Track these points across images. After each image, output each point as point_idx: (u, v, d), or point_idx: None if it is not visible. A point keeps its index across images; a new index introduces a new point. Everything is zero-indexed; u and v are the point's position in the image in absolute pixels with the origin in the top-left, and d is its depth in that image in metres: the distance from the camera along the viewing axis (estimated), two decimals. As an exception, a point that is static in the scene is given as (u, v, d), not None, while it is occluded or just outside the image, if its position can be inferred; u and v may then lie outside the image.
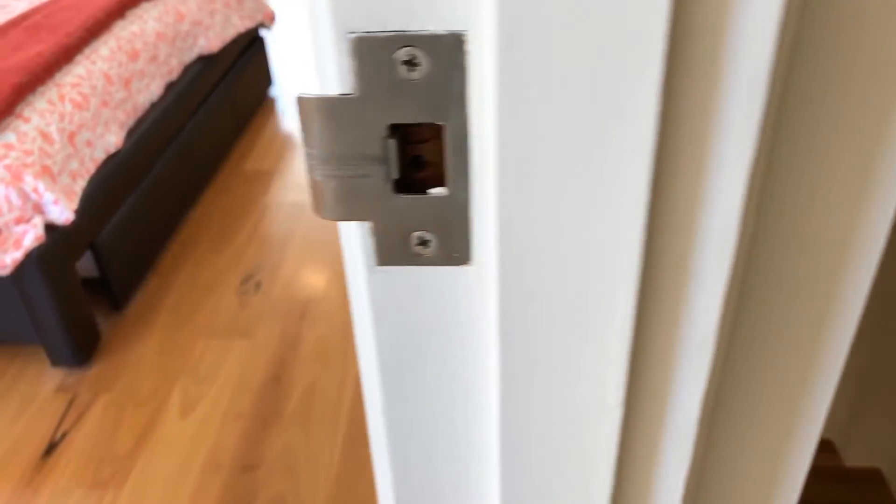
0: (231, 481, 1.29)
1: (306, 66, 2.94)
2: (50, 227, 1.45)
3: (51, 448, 1.37)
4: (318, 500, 1.25)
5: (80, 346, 1.53)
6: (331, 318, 1.65)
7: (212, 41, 2.21)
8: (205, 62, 2.19)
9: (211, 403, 1.45)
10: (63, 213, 1.43)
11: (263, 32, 2.84)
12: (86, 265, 1.68)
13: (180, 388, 1.49)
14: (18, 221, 1.38)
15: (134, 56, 1.84)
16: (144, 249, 1.80)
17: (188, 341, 1.61)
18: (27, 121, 1.46)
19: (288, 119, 2.58)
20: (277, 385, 1.49)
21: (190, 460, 1.33)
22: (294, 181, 2.20)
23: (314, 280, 1.78)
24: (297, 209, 2.06)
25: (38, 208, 1.42)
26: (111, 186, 1.65)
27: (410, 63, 0.23)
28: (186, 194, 2.03)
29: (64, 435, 1.40)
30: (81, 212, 1.52)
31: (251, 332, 1.62)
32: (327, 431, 1.38)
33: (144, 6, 2.02)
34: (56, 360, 1.53)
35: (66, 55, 1.64)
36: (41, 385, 1.51)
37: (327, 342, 1.59)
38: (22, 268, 1.40)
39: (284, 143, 2.42)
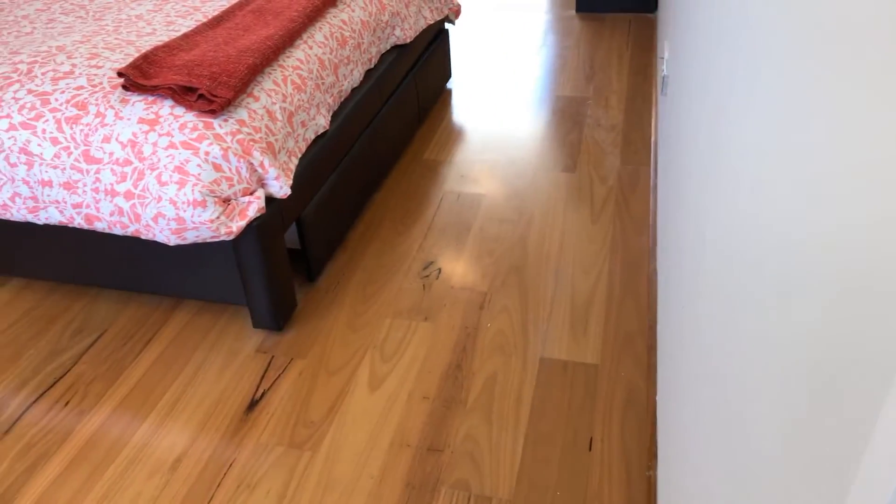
0: (417, 461, 1.34)
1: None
2: (268, 200, 1.56)
3: (252, 405, 1.48)
4: (500, 491, 1.28)
5: (279, 312, 1.64)
6: (509, 313, 1.67)
7: (406, 32, 2.29)
8: (398, 51, 2.27)
9: (397, 381, 1.51)
10: (282, 188, 1.54)
11: (448, 26, 2.90)
12: (288, 236, 1.80)
13: (368, 362, 1.56)
14: (245, 193, 1.49)
15: (343, 43, 1.94)
16: (337, 226, 1.89)
17: (375, 318, 1.68)
18: (256, 99, 1.57)
19: (460, 111, 2.62)
20: (459, 372, 1.52)
21: (378, 435, 1.39)
22: (469, 173, 2.24)
23: (492, 273, 1.80)
24: (474, 201, 2.09)
25: (261, 182, 1.53)
26: (317, 165, 1.75)
27: None
28: (373, 177, 2.12)
29: (263, 394, 1.50)
30: (293, 187, 1.62)
31: (433, 316, 1.67)
32: (509, 425, 1.40)
33: (352, -4, 2.11)
34: (257, 323, 1.65)
35: (290, 39, 1.75)
36: (243, 343, 1.63)
37: (506, 336, 1.61)
38: (241, 235, 1.52)
39: (458, 135, 2.47)
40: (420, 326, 1.65)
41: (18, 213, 1.55)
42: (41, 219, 1.55)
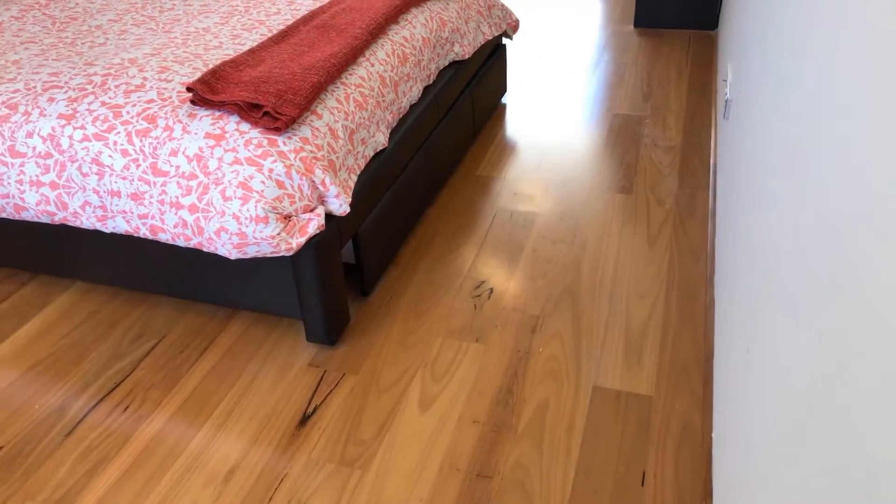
0: (466, 487, 1.34)
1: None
2: (327, 217, 1.58)
3: (304, 419, 1.50)
4: (549, 522, 1.26)
5: (332, 327, 1.65)
6: (562, 338, 1.66)
7: (465, 48, 2.30)
8: (456, 67, 2.28)
9: (448, 403, 1.51)
10: (342, 206, 1.55)
11: (505, 41, 2.89)
12: (343, 250, 1.82)
13: (419, 382, 1.56)
14: (305, 210, 1.51)
15: (403, 60, 1.95)
16: (390, 241, 1.90)
17: (426, 336, 1.68)
18: (319, 117, 1.59)
19: (515, 127, 2.62)
20: (510, 396, 1.52)
21: (428, 457, 1.40)
22: (522, 191, 2.23)
23: (545, 295, 1.79)
24: (527, 220, 2.08)
25: (322, 199, 1.55)
26: (374, 182, 1.76)
27: None
28: (427, 192, 2.13)
29: (315, 409, 1.52)
30: (352, 204, 1.64)
31: (485, 338, 1.67)
32: (560, 454, 1.38)
33: (414, 11, 2.13)
34: (311, 336, 1.67)
35: (353, 57, 1.77)
36: (296, 356, 1.65)
37: (558, 362, 1.59)
38: (299, 250, 1.54)
39: (512, 151, 2.46)
40: (471, 347, 1.64)
41: (87, 221, 1.60)
42: (109, 227, 1.60)
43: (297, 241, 1.48)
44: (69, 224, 1.64)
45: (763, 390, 0.94)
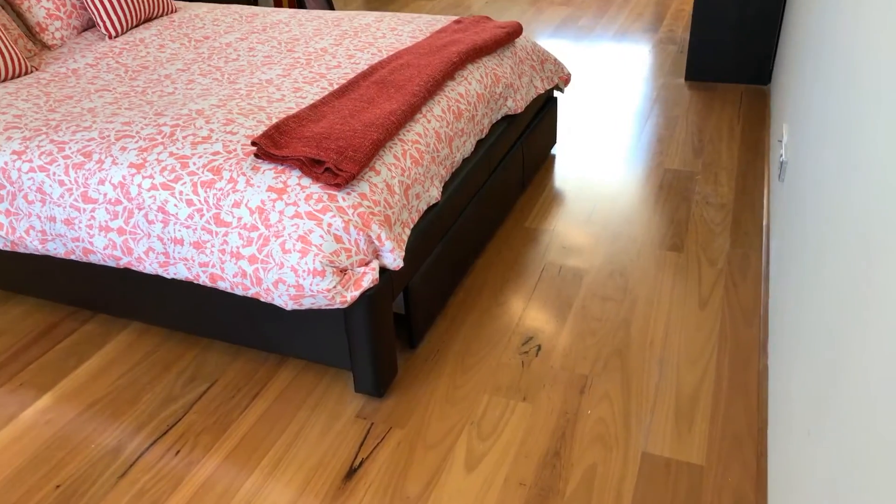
0: (513, 551, 1.32)
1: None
2: (381, 270, 1.60)
3: (351, 472, 1.50)
4: None
5: (381, 378, 1.67)
6: (611, 401, 1.64)
7: (518, 102, 2.33)
8: (508, 121, 2.31)
9: (494, 463, 1.50)
10: (395, 260, 1.58)
11: (556, 93, 2.93)
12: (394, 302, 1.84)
13: (465, 439, 1.56)
14: (361, 263, 1.54)
15: (458, 116, 1.99)
16: (439, 293, 1.92)
17: (473, 392, 1.68)
18: (377, 173, 1.63)
19: (564, 178, 2.63)
20: (557, 459, 1.50)
21: (474, 518, 1.39)
22: (572, 245, 2.23)
23: (593, 355, 1.78)
24: (576, 276, 2.08)
25: (376, 253, 1.58)
26: (427, 235, 1.79)
27: None
28: (476, 243, 2.14)
29: (362, 462, 1.53)
30: (404, 258, 1.66)
31: (532, 396, 1.66)
32: (608, 523, 1.36)
33: (469, 67, 2.18)
34: (359, 387, 1.69)
35: (411, 114, 1.81)
36: (344, 407, 1.67)
37: (607, 426, 1.58)
38: (353, 303, 1.56)
39: (561, 203, 2.47)
40: (518, 406, 1.64)
41: (150, 267, 1.66)
42: (170, 273, 1.65)
43: (352, 295, 1.51)
44: (132, 268, 1.70)
45: (829, 478, 0.91)
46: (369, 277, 1.52)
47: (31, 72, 2.30)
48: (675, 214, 2.36)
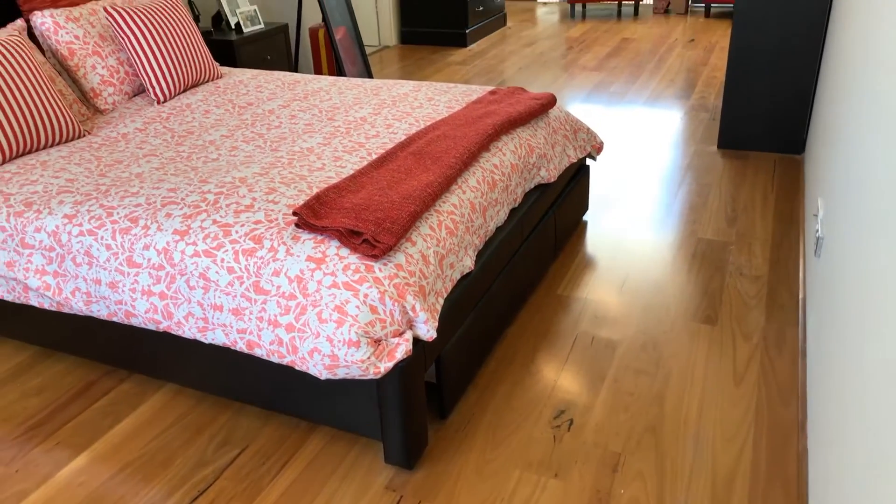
0: None
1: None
2: (414, 340, 1.61)
3: (380, 546, 1.49)
4: None
5: (411, 450, 1.66)
6: (644, 480, 1.61)
7: (551, 172, 2.36)
8: (541, 189, 2.34)
9: (525, 543, 1.47)
10: (429, 331, 1.59)
11: (588, 161, 2.96)
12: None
13: (495, 518, 1.54)
14: (395, 334, 1.55)
15: (493, 186, 2.02)
16: (471, 361, 1.92)
17: (503, 467, 1.66)
18: (413, 244, 1.66)
19: (596, 245, 2.64)
20: (589, 541, 1.47)
21: None
22: (604, 315, 2.22)
23: (626, 431, 1.75)
24: (608, 347, 2.07)
25: (410, 324, 1.59)
26: (459, 305, 1.80)
27: None
28: (508, 312, 2.15)
29: (391, 535, 1.51)
30: (437, 328, 1.67)
31: (564, 473, 1.64)
32: None
33: (504, 139, 2.22)
34: (389, 458, 1.68)
35: (447, 185, 1.85)
36: (373, 477, 1.66)
37: (641, 506, 1.54)
38: (385, 373, 1.57)
39: (593, 271, 2.48)
40: (549, 484, 1.61)
41: (189, 332, 1.69)
42: (208, 339, 1.68)
43: (385, 366, 1.52)
44: (171, 332, 1.73)
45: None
46: (403, 349, 1.54)
47: (84, 135, 2.40)
48: (709, 285, 2.34)
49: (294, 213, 1.66)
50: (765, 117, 3.29)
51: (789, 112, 3.24)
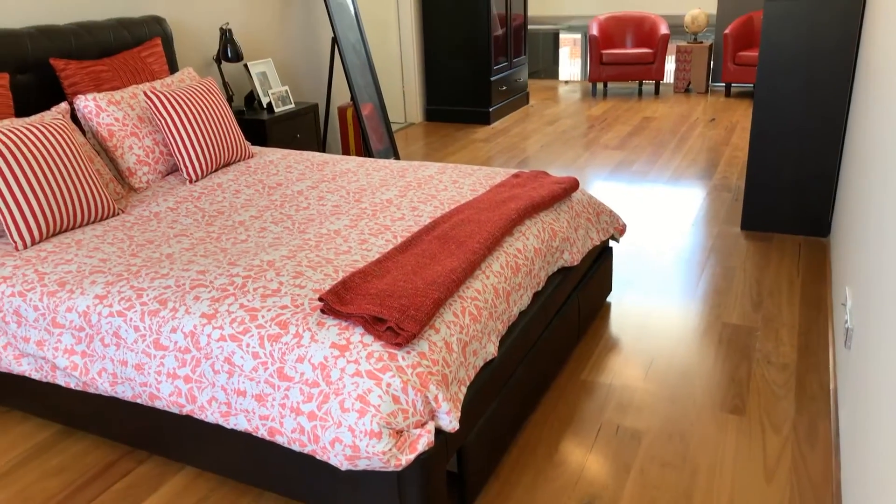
0: None
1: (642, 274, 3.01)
2: (436, 431, 1.59)
3: None
4: None
5: (431, 544, 1.62)
6: (673, 582, 1.55)
7: (574, 255, 2.37)
8: (564, 272, 2.35)
9: None
10: (451, 422, 1.57)
11: (611, 243, 2.97)
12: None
13: None
14: (417, 425, 1.54)
15: (516, 270, 2.03)
16: (493, 451, 1.89)
17: (526, 566, 1.61)
18: (437, 331, 1.66)
19: (620, 327, 2.62)
20: None
21: None
22: (629, 402, 2.18)
23: (654, 527, 1.70)
24: (634, 437, 2.02)
25: (433, 414, 1.58)
26: (482, 393, 1.78)
27: None
28: (531, 398, 2.12)
29: None
30: (460, 419, 1.65)
31: (588, 574, 1.58)
32: None
33: (527, 223, 2.25)
34: (408, 552, 1.63)
35: (471, 271, 1.87)
36: (392, 572, 1.61)
37: None
38: (407, 465, 1.55)
39: (617, 356, 2.45)
40: (575, 584, 1.56)
41: (211, 416, 1.69)
42: (230, 424, 1.68)
43: (407, 458, 1.50)
44: (194, 416, 1.73)
45: None
46: (425, 440, 1.52)
47: (118, 214, 2.47)
48: (736, 373, 2.30)
49: (320, 299, 1.68)
50: (788, 199, 3.30)
51: (813, 193, 3.25)
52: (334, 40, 4.30)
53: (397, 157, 4.83)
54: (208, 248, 2.12)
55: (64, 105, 2.63)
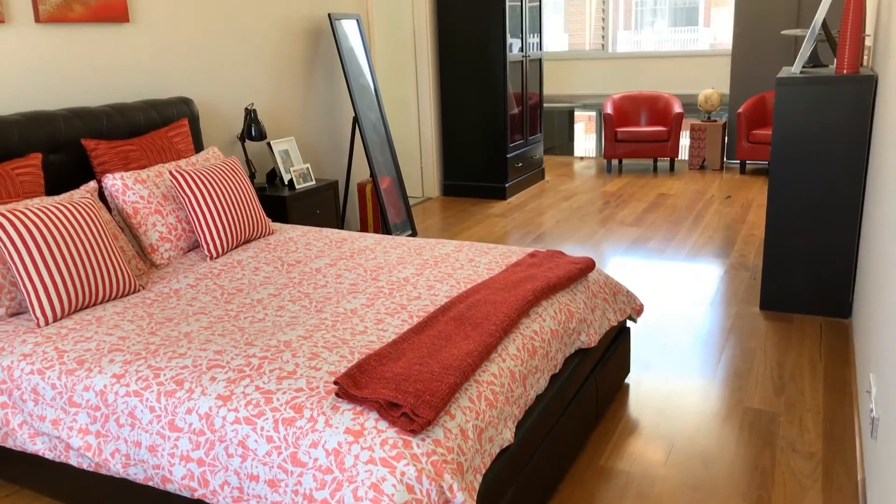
0: None
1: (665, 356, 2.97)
2: (451, 522, 1.55)
3: None
4: None
5: None
6: None
7: (591, 336, 2.36)
8: (581, 354, 2.33)
9: None
10: (467, 512, 1.54)
11: (629, 323, 2.95)
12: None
13: None
14: (431, 515, 1.50)
15: (533, 353, 2.02)
16: (509, 543, 1.83)
17: None
18: (452, 417, 1.65)
19: (639, 409, 2.57)
20: None
21: None
22: (649, 492, 2.12)
23: None
24: (655, 527, 1.96)
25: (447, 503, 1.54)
26: (498, 480, 1.74)
27: None
28: (549, 484, 2.07)
29: None
30: (476, 508, 1.62)
31: None
32: None
33: (544, 304, 2.25)
34: None
35: (487, 354, 1.86)
36: None
37: None
38: (421, 556, 1.50)
39: (636, 440, 2.39)
40: None
41: (224, 501, 1.67)
42: (241, 510, 1.65)
43: (420, 551, 1.46)
44: (206, 501, 1.71)
45: None
46: (439, 532, 1.48)
47: (139, 290, 2.51)
48: (759, 461, 2.23)
49: (335, 383, 1.68)
50: (807, 278, 3.28)
51: (833, 273, 3.22)
52: (355, 119, 4.43)
53: (414, 232, 4.88)
54: (226, 326, 2.14)
55: (92, 184, 2.71)
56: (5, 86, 2.82)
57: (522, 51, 6.01)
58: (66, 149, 2.84)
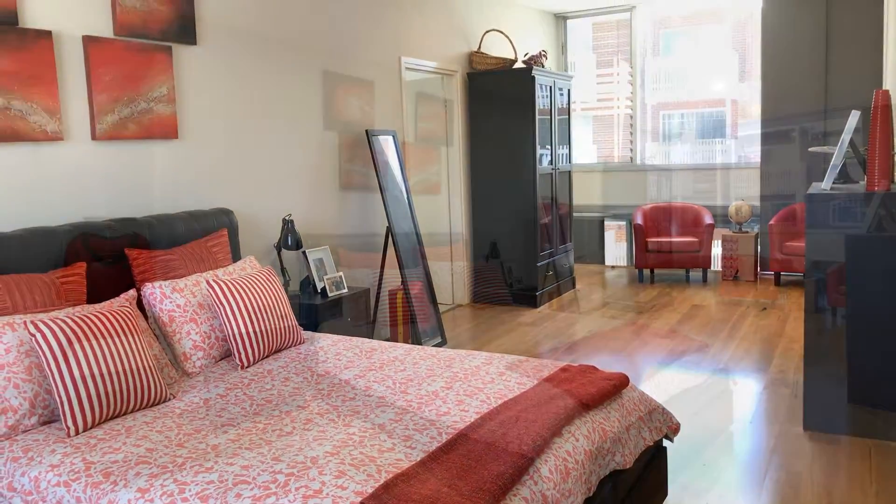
0: None
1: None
2: None
3: None
4: None
5: None
6: None
7: (626, 457, 2.28)
8: (616, 476, 2.24)
9: None
10: None
11: (666, 443, 2.84)
12: None
13: None
14: None
15: (566, 476, 1.95)
16: None
17: None
18: (482, 545, 1.57)
19: (680, 537, 2.43)
20: None
21: None
22: None
23: None
24: None
25: None
26: None
27: None
28: None
29: None
30: None
31: None
32: None
33: (577, 422, 2.19)
34: None
35: (518, 476, 1.80)
36: None
37: None
38: None
39: (677, 568, 2.25)
40: None
41: None
42: None
43: None
44: None
45: None
46: None
47: (169, 399, 2.51)
48: None
49: (361, 504, 1.63)
50: (854, 397, 3.15)
51: (882, 392, 3.10)
52: (388, 230, 4.53)
53: (444, 339, 4.86)
54: (253, 439, 2.11)
55: (132, 292, 2.78)
56: (61, 198, 2.97)
57: (552, 163, 6.17)
58: (109, 257, 2.94)
